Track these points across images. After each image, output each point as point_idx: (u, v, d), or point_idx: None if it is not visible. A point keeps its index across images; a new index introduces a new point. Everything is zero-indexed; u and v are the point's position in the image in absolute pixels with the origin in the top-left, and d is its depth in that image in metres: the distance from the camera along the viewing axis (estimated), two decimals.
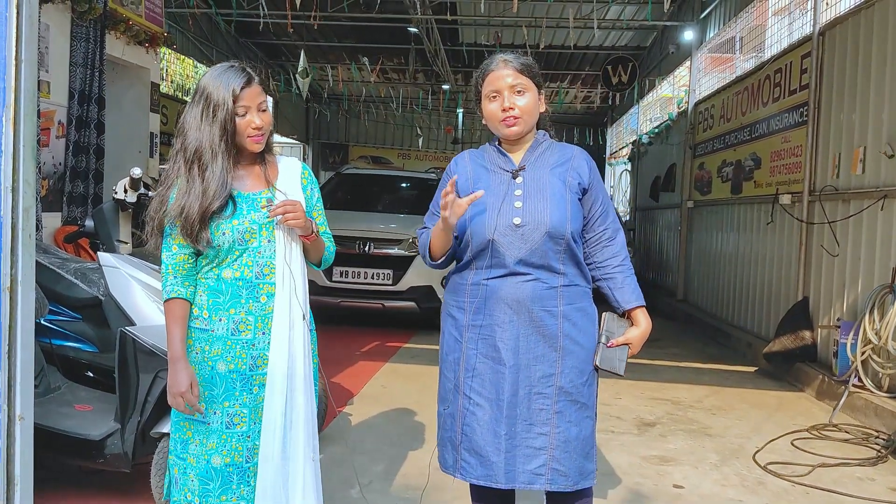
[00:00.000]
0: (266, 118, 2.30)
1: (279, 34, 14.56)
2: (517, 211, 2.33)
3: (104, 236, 3.27)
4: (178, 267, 2.28)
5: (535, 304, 2.32)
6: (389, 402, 5.25)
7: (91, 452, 3.11)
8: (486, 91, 2.41)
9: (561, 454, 2.31)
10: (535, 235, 2.31)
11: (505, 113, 2.36)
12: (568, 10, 10.64)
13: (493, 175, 2.43)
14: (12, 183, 1.88)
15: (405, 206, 9.44)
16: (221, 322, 2.28)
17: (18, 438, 1.88)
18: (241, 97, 2.23)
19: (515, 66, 2.38)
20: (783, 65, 7.54)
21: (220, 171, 2.22)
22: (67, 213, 6.55)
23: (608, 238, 2.44)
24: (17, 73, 1.89)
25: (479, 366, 2.36)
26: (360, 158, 21.20)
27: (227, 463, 2.27)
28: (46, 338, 3.45)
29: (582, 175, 2.41)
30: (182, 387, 2.21)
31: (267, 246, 2.29)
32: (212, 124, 2.22)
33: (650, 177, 13.72)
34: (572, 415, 2.33)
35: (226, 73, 2.25)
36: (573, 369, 2.34)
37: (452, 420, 2.40)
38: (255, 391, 2.29)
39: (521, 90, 2.37)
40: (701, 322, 9.47)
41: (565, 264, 2.36)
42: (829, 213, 6.38)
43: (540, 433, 2.31)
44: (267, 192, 2.33)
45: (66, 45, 6.43)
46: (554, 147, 2.47)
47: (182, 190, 2.23)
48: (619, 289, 2.43)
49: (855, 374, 5.40)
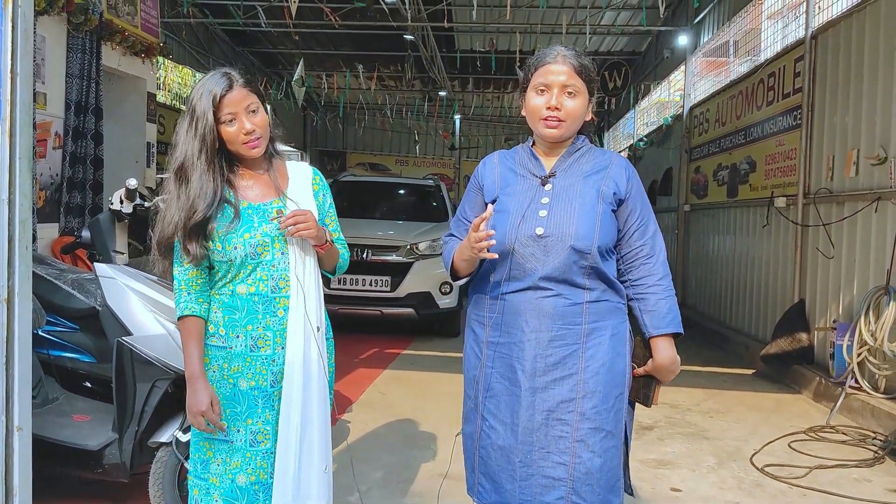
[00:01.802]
0: (258, 120, 2.18)
1: (275, 42, 14.60)
2: (541, 220, 2.13)
3: (101, 247, 3.28)
4: (191, 283, 2.21)
5: (556, 322, 2.12)
6: (388, 409, 5.25)
7: (89, 462, 3.11)
8: (536, 82, 2.18)
9: (582, 487, 2.09)
10: (558, 248, 2.11)
11: (549, 111, 2.14)
12: (562, 17, 10.69)
13: (522, 179, 2.23)
14: (8, 195, 1.88)
15: (403, 212, 9.46)
16: (239, 339, 2.21)
17: (17, 449, 1.89)
18: (223, 104, 2.14)
19: (574, 64, 2.16)
20: (777, 68, 7.58)
21: (197, 183, 2.14)
22: (64, 224, 6.55)
23: (646, 255, 2.20)
24: (12, 87, 1.91)
25: (495, 386, 2.19)
26: (357, 165, 21.25)
27: (253, 481, 2.22)
28: (44, 348, 3.46)
29: (619, 184, 2.19)
30: (202, 405, 2.14)
31: (281, 258, 2.21)
32: (194, 137, 2.15)
33: (647, 181, 13.74)
34: (596, 444, 2.10)
35: (208, 81, 2.18)
36: (597, 394, 2.11)
37: (472, 441, 2.26)
38: (277, 407, 2.22)
39: (573, 92, 2.15)
40: (698, 325, 9.48)
41: (591, 279, 2.15)
42: (823, 215, 6.40)
43: (559, 462, 2.10)
44: (277, 201, 2.24)
45: (63, 57, 6.45)
46: (591, 153, 2.25)
47: (175, 206, 2.18)
48: (648, 311, 2.19)
49: (851, 375, 5.42)
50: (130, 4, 7.59)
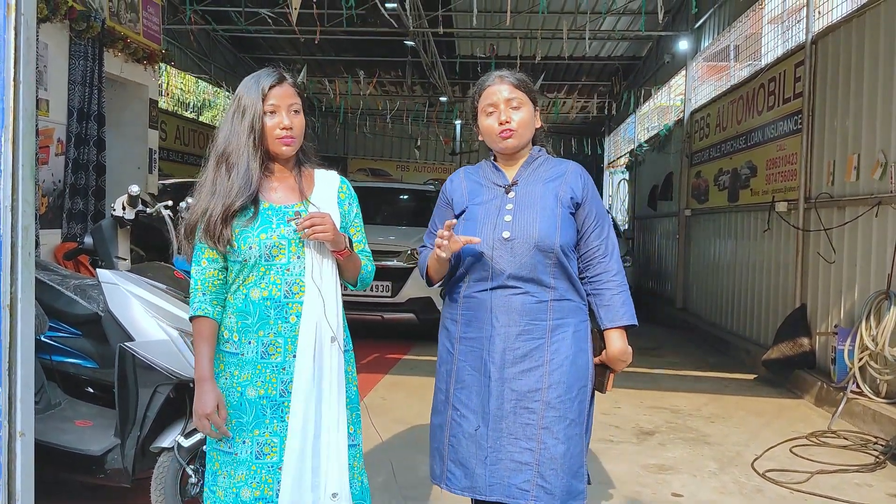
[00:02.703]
0: (297, 121, 2.22)
1: (277, 48, 14.64)
2: (507, 224, 2.34)
3: (103, 253, 3.29)
4: (208, 283, 2.19)
5: (523, 318, 2.32)
6: (389, 414, 5.25)
7: (91, 467, 3.12)
8: (483, 106, 2.42)
9: (547, 471, 2.27)
10: (523, 248, 2.31)
11: (501, 126, 2.37)
12: (562, 22, 10.72)
13: (487, 190, 2.44)
14: (11, 202, 1.90)
15: (403, 218, 9.48)
16: (251, 345, 2.17)
17: (19, 454, 1.89)
18: (270, 95, 2.18)
19: (511, 81, 2.40)
20: (777, 73, 7.59)
21: (244, 169, 2.16)
22: (67, 230, 6.57)
23: (602, 254, 2.40)
24: (15, 95, 1.92)
25: (467, 378, 2.37)
26: (358, 171, 21.28)
27: (257, 496, 2.14)
28: (47, 354, 3.47)
29: (575, 189, 2.39)
30: (208, 408, 2.12)
31: (296, 262, 2.17)
32: (241, 124, 2.18)
33: (648, 186, 13.77)
34: (560, 431, 2.29)
35: (258, 75, 2.23)
36: (561, 384, 2.30)
37: (441, 431, 2.42)
38: (286, 419, 2.16)
39: (518, 105, 2.38)
40: (700, 330, 9.48)
41: (556, 278, 2.34)
42: (824, 220, 6.41)
43: (526, 448, 2.29)
44: (300, 205, 2.22)
45: (65, 64, 6.48)
46: (549, 162, 2.47)
47: (207, 190, 2.19)
48: (604, 306, 2.40)
49: (853, 380, 5.42)
50: (132, 11, 7.62)
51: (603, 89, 16.98)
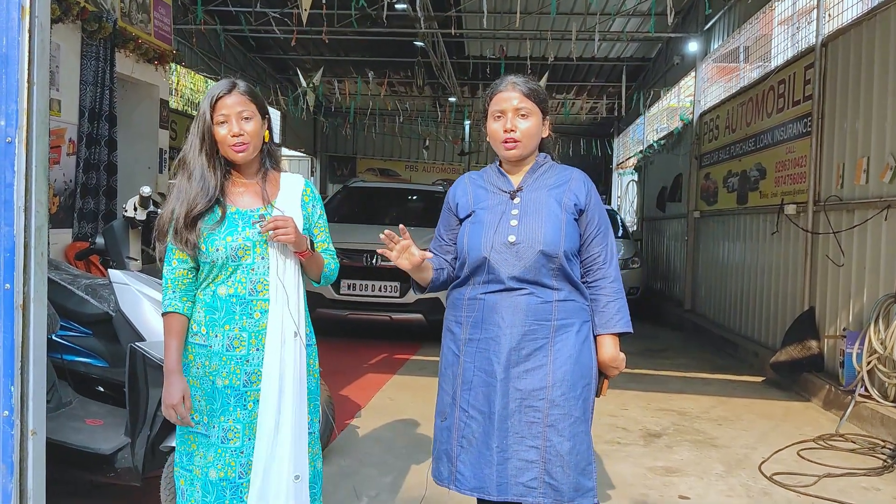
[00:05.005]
0: (249, 128, 2.31)
1: (287, 49, 14.68)
2: (512, 229, 2.38)
3: (114, 253, 3.32)
4: (178, 282, 2.35)
5: (528, 318, 2.35)
6: (397, 415, 5.27)
7: (102, 466, 3.15)
8: (492, 109, 2.46)
9: (553, 468, 2.31)
10: (528, 253, 2.35)
11: (506, 134, 2.41)
12: (571, 24, 10.71)
13: (492, 195, 2.48)
14: (25, 202, 1.92)
15: (412, 218, 9.47)
16: (217, 338, 2.32)
17: (31, 453, 1.92)
18: (219, 105, 2.30)
19: (523, 89, 2.42)
20: (787, 76, 7.57)
21: (199, 175, 2.30)
22: (78, 230, 6.61)
23: (602, 260, 2.45)
24: (29, 96, 1.94)
25: (473, 379, 2.40)
26: (367, 171, 21.31)
27: (222, 477, 2.30)
28: (58, 353, 3.50)
29: (579, 196, 2.44)
30: (174, 399, 2.27)
31: (260, 263, 2.32)
32: (196, 133, 2.32)
33: (657, 187, 13.73)
34: (565, 429, 2.33)
35: (214, 85, 2.35)
36: (565, 383, 2.34)
37: (449, 433, 2.44)
38: (249, 407, 2.31)
39: (526, 114, 2.41)
40: (708, 332, 9.46)
41: (559, 281, 2.39)
42: (833, 223, 6.39)
43: (532, 446, 2.32)
44: (264, 209, 2.36)
45: (77, 64, 6.52)
46: (554, 169, 2.51)
47: (174, 196, 2.34)
48: (599, 312, 2.45)
49: (861, 383, 5.40)
50: (144, 12, 7.67)
51: (612, 90, 16.96)
